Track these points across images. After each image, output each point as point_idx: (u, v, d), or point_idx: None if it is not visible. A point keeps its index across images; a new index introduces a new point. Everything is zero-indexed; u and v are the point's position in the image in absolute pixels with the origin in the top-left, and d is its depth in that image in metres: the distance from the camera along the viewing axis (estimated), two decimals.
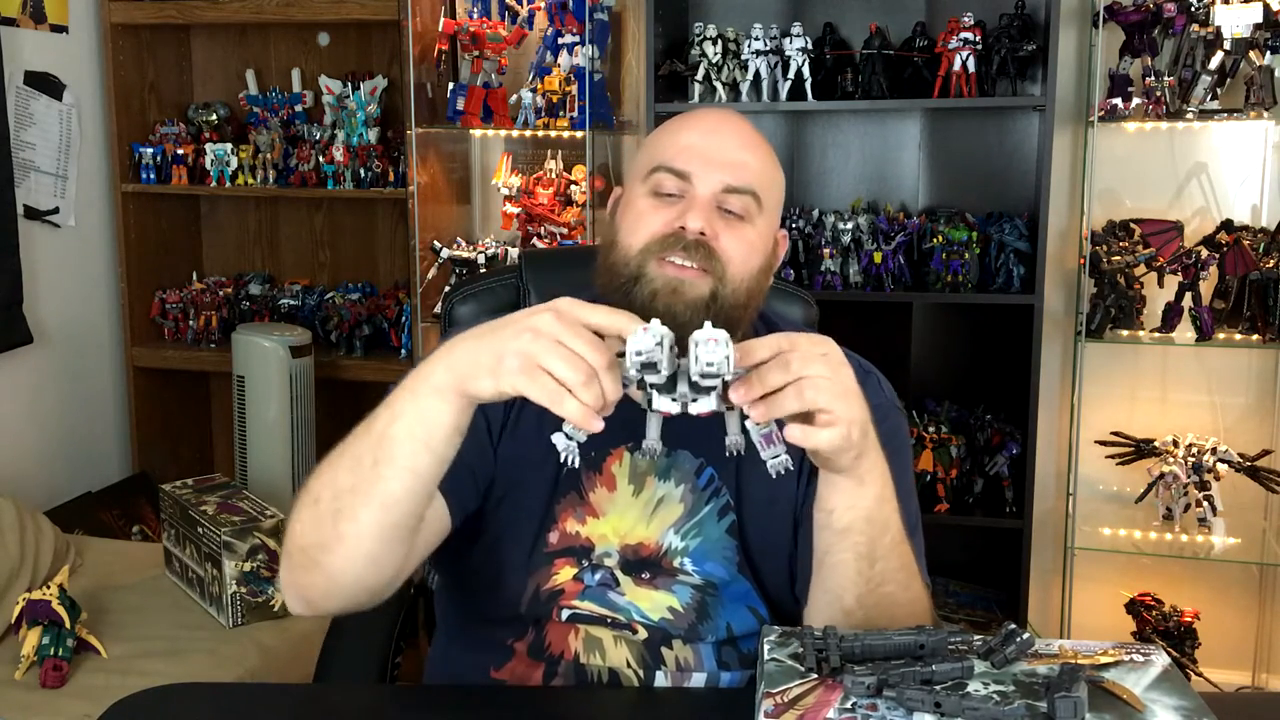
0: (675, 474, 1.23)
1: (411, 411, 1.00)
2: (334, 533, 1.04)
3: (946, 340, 2.98)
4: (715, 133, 1.24)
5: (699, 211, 1.18)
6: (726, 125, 1.26)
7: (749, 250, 1.20)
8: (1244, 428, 2.81)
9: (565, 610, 1.21)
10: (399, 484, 1.02)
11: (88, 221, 3.15)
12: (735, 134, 1.25)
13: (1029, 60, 2.69)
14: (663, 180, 1.21)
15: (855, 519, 1.06)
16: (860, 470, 1.04)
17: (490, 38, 2.87)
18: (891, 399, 1.31)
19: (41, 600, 2.04)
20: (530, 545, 1.22)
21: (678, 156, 1.21)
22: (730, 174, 1.20)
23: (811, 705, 0.91)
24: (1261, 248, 2.63)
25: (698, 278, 1.17)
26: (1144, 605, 2.72)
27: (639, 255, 1.18)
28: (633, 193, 1.25)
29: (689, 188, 1.20)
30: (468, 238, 3.10)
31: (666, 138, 1.25)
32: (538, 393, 0.92)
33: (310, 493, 1.08)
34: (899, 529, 1.09)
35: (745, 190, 1.20)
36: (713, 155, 1.21)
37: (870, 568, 1.08)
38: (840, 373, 0.98)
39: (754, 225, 1.21)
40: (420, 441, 1.00)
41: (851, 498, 1.05)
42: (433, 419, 0.99)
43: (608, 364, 0.92)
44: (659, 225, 1.19)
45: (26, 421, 2.95)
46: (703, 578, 1.22)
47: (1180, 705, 0.91)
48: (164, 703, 1.15)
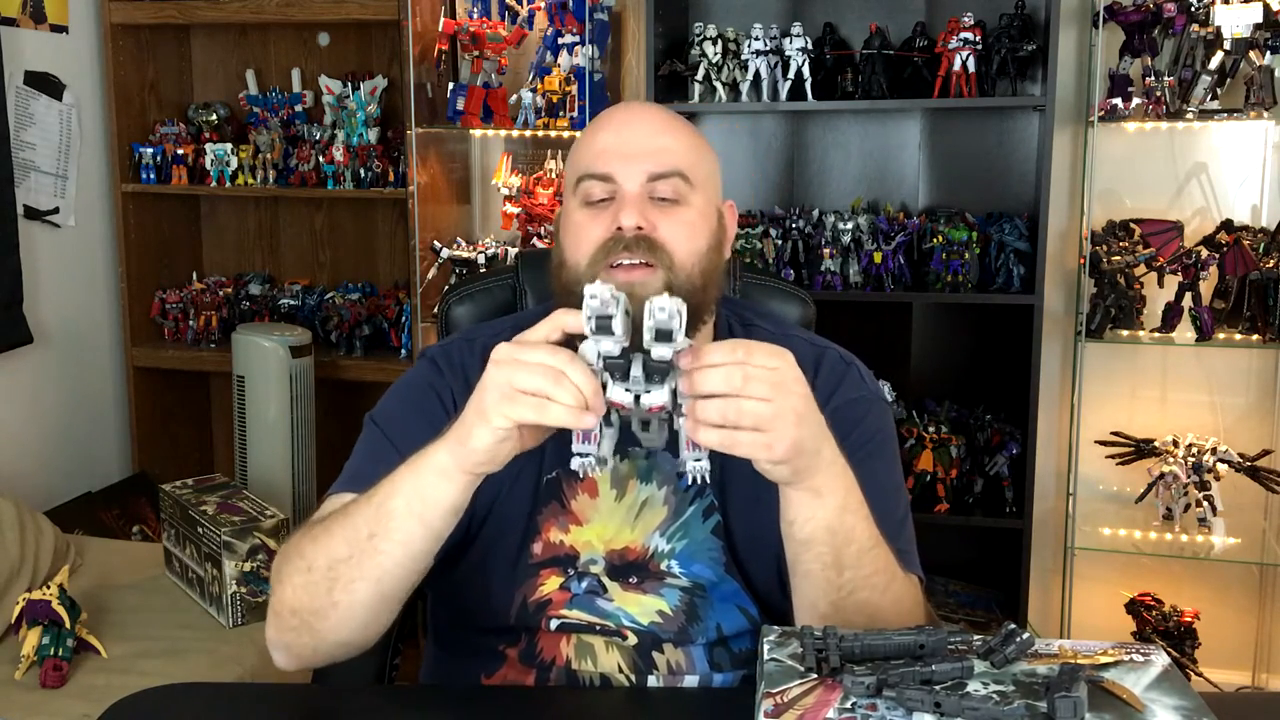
0: (657, 476, 1.23)
1: (411, 487, 1.03)
2: (328, 600, 1.06)
3: (946, 340, 2.98)
4: (627, 125, 1.24)
5: (630, 208, 1.18)
6: (637, 116, 1.27)
7: (690, 231, 1.20)
8: (1244, 428, 2.81)
9: (554, 620, 1.21)
10: (392, 559, 1.04)
11: (88, 221, 3.15)
12: (647, 122, 1.25)
13: (1029, 60, 2.69)
14: (590, 188, 1.21)
15: (815, 530, 1.06)
16: (814, 484, 1.03)
17: (490, 38, 2.87)
18: (875, 391, 1.30)
19: (41, 600, 2.04)
20: (515, 558, 1.22)
21: (597, 160, 1.21)
22: (651, 161, 1.20)
23: (811, 705, 0.91)
24: (1261, 248, 2.63)
25: (648, 275, 1.16)
26: (1144, 605, 2.72)
27: (587, 269, 1.18)
28: (568, 208, 1.25)
29: (616, 187, 1.20)
30: (468, 238, 3.10)
31: (584, 146, 1.25)
32: (522, 411, 0.95)
33: (304, 557, 1.09)
34: (868, 537, 1.08)
35: (670, 173, 1.20)
36: (630, 149, 1.21)
37: (839, 576, 1.07)
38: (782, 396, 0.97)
39: (690, 205, 1.21)
40: (416, 517, 1.03)
41: (809, 510, 1.05)
42: (430, 496, 1.02)
43: (569, 359, 0.95)
44: (598, 232, 1.19)
45: (26, 421, 2.95)
46: (690, 580, 1.22)
47: (1180, 705, 0.91)
48: (164, 703, 1.15)
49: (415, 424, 1.20)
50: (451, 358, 1.28)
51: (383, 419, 1.25)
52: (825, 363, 1.29)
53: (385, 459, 1.17)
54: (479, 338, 1.29)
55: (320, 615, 1.07)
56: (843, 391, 1.26)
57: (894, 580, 1.12)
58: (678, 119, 1.27)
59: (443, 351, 1.30)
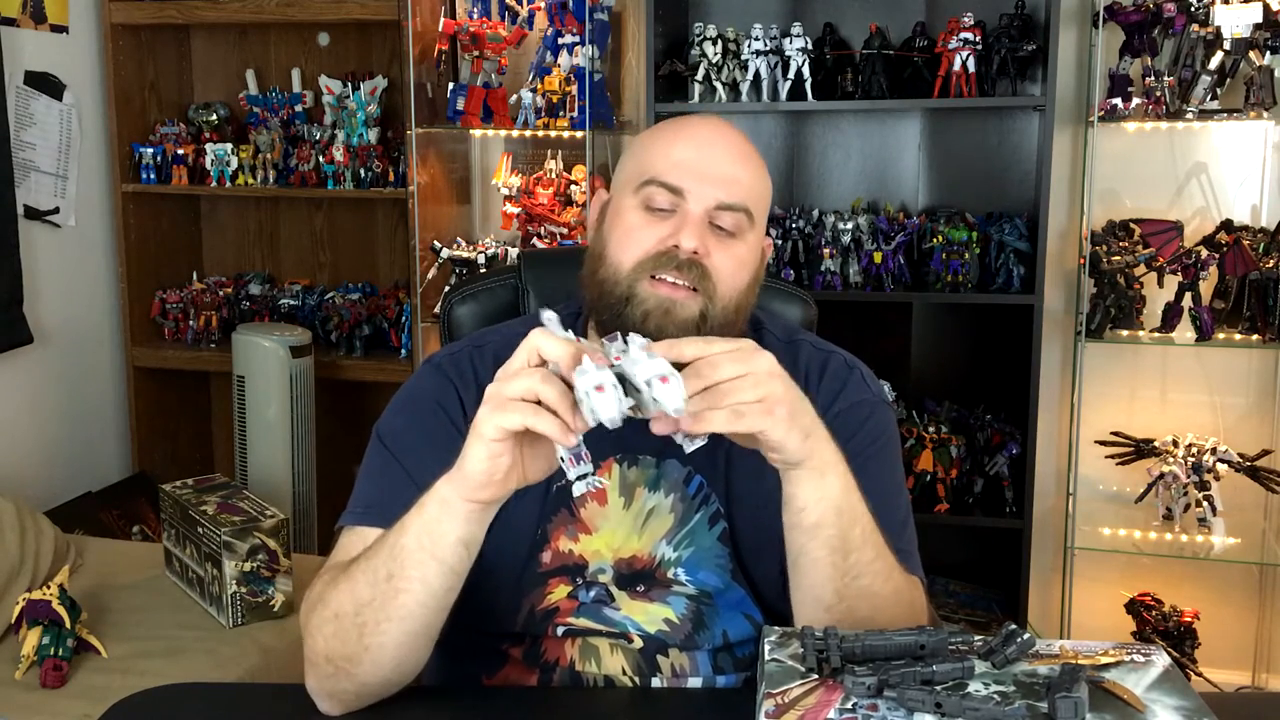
0: (664, 484, 1.22)
1: (419, 524, 1.03)
2: (359, 645, 1.06)
3: (946, 340, 2.98)
4: (710, 146, 1.22)
5: (692, 229, 1.16)
6: (720, 138, 1.24)
7: (739, 267, 1.19)
8: (1244, 428, 2.81)
9: (561, 627, 1.21)
10: (413, 598, 1.04)
11: (88, 221, 3.15)
12: (729, 148, 1.23)
13: (1029, 60, 2.69)
14: (654, 195, 1.19)
15: (825, 512, 1.05)
16: (820, 461, 1.03)
17: (490, 38, 2.87)
18: (877, 394, 1.30)
19: (42, 600, 2.04)
20: (523, 567, 1.21)
21: (670, 171, 1.19)
22: (724, 190, 1.19)
23: (812, 706, 0.91)
24: (1261, 248, 2.63)
25: (689, 298, 1.16)
26: (1144, 605, 2.72)
27: (631, 273, 1.17)
28: (622, 203, 1.23)
29: (681, 203, 1.18)
30: (468, 238, 3.10)
31: (658, 149, 1.23)
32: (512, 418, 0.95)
33: (329, 605, 1.08)
34: (869, 520, 1.08)
35: (739, 208, 1.19)
36: (706, 170, 1.19)
37: (845, 560, 1.07)
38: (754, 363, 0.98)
39: (745, 241, 1.20)
40: (428, 553, 1.03)
41: (818, 490, 1.04)
42: (436, 530, 1.02)
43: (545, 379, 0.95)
44: (651, 243, 1.18)
45: (27, 421, 2.95)
46: (697, 587, 1.21)
47: (1180, 705, 0.91)
48: (164, 703, 1.15)
49: (423, 445, 1.20)
50: (461, 365, 1.26)
51: (390, 437, 1.24)
52: (830, 366, 1.29)
53: (395, 482, 1.17)
54: (488, 344, 1.28)
55: (354, 660, 1.07)
56: (846, 395, 1.26)
57: (893, 570, 1.12)
58: (753, 151, 1.25)
59: (451, 359, 1.28)
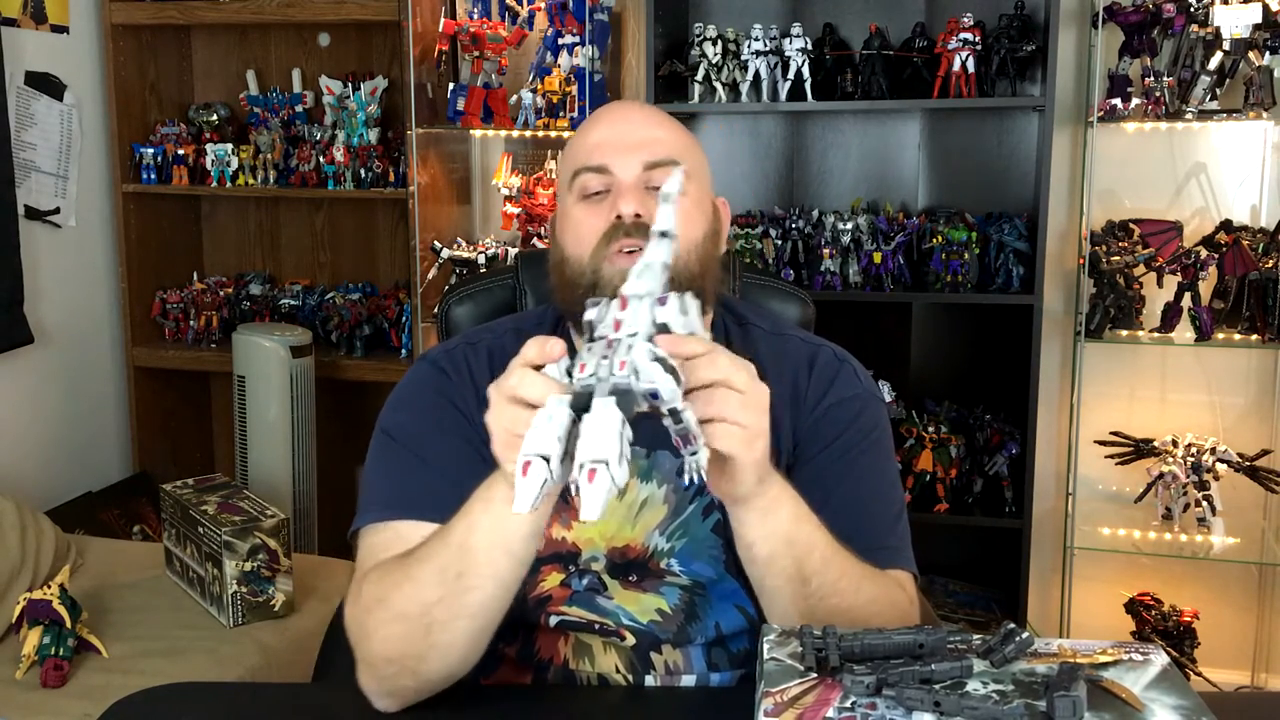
0: (656, 475, 1.23)
1: (488, 521, 1.02)
2: (426, 644, 1.06)
3: (946, 340, 2.98)
4: (623, 121, 1.27)
5: (628, 196, 1.19)
6: (631, 110, 1.30)
7: (686, 219, 1.20)
8: (1243, 428, 2.82)
9: (554, 616, 1.21)
10: (486, 593, 1.04)
11: (88, 221, 3.15)
12: (640, 116, 1.28)
13: (1028, 60, 2.69)
14: (586, 181, 1.23)
15: (776, 545, 1.06)
16: (765, 500, 1.03)
17: (490, 38, 2.87)
18: (870, 388, 1.31)
19: (42, 600, 2.04)
20: None
21: (592, 154, 1.23)
22: (645, 151, 1.22)
23: (811, 704, 0.91)
24: (1261, 248, 2.63)
25: None
26: (1143, 605, 2.72)
27: (591, 260, 1.19)
28: (564, 205, 1.26)
29: (611, 179, 1.22)
30: (468, 238, 3.10)
31: (577, 144, 1.27)
32: None
33: (388, 607, 1.08)
34: (827, 544, 1.08)
35: (665, 161, 1.21)
36: (623, 140, 1.23)
37: (805, 587, 1.07)
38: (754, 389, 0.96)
39: (685, 194, 1.20)
40: (501, 549, 1.03)
41: (766, 525, 1.05)
42: (509, 525, 1.02)
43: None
44: (598, 224, 1.20)
45: (27, 421, 2.95)
46: (690, 578, 1.22)
47: (1179, 705, 0.91)
48: (164, 703, 1.15)
49: (434, 432, 1.21)
50: (456, 361, 1.27)
51: (400, 433, 1.23)
52: (819, 360, 1.29)
53: (413, 472, 1.18)
54: (481, 341, 1.29)
55: (420, 659, 1.07)
56: (837, 389, 1.27)
57: (865, 580, 1.12)
58: (668, 116, 1.30)
59: (445, 355, 1.29)
